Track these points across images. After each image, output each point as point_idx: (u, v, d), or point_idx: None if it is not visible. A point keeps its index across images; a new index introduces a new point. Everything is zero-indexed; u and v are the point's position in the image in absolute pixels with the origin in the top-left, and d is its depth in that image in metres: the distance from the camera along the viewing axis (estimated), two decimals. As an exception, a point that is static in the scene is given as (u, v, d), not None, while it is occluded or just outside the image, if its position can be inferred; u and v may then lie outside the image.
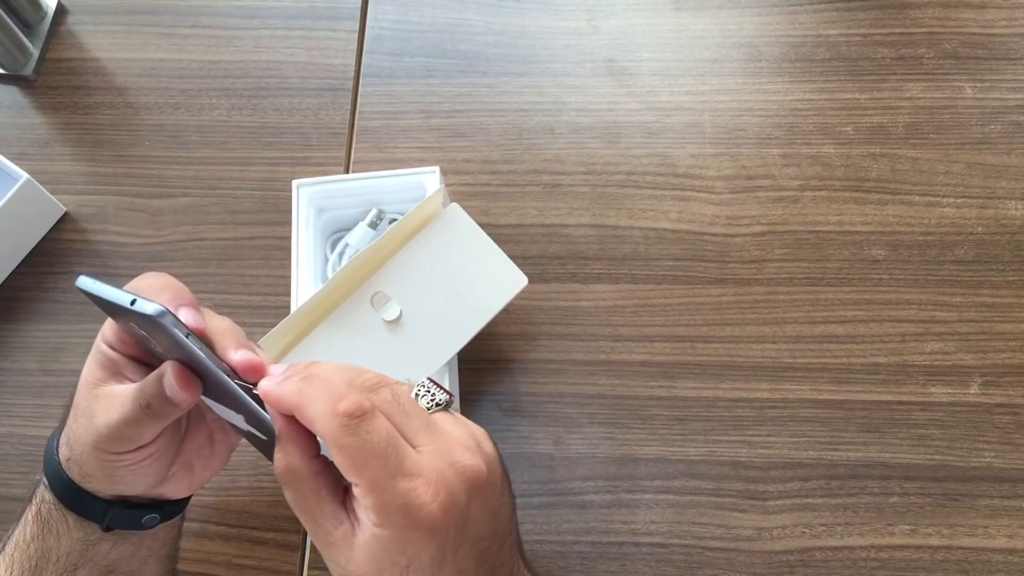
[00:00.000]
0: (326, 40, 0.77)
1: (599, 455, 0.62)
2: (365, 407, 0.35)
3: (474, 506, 0.36)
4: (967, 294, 0.65)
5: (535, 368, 0.64)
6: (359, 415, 0.35)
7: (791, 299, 0.65)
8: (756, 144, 0.71)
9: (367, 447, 0.35)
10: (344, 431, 0.35)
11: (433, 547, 0.35)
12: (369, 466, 0.34)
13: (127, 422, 0.43)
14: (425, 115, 0.73)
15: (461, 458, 0.36)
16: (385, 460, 0.35)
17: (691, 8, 0.76)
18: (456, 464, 0.36)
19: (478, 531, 0.37)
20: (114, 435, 0.44)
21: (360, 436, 0.35)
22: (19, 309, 0.69)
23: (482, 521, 0.37)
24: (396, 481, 0.34)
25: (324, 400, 0.36)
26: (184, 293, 0.44)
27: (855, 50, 0.74)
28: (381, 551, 0.35)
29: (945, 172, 0.69)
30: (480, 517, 0.37)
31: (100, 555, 0.47)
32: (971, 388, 0.62)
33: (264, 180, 0.72)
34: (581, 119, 0.73)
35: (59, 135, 0.75)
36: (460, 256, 0.60)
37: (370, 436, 0.35)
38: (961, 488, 0.60)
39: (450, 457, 0.36)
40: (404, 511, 0.34)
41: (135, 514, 0.48)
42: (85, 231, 0.71)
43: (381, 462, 0.35)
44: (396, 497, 0.34)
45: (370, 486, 0.34)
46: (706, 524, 0.59)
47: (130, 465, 0.45)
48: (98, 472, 0.45)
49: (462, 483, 0.36)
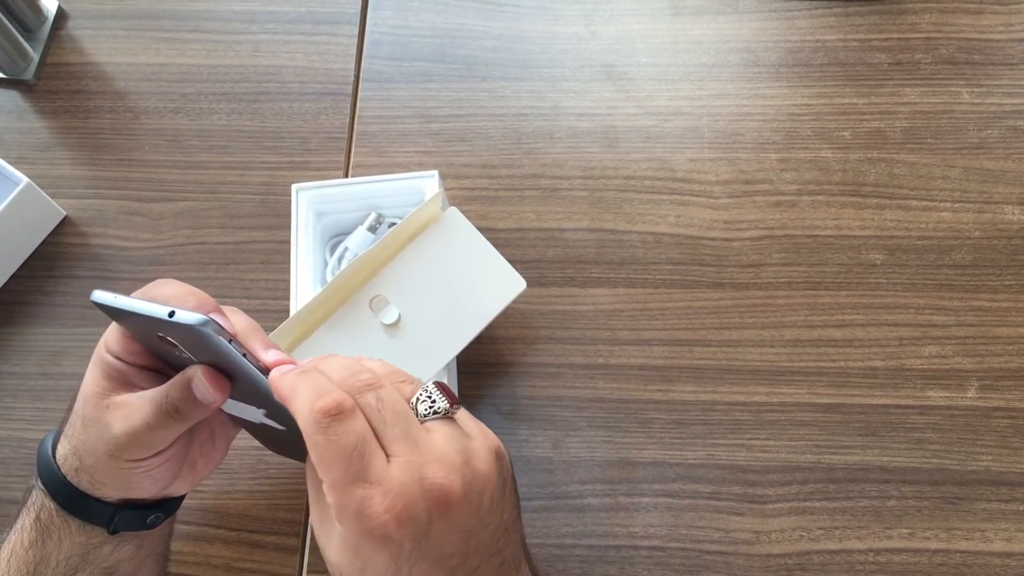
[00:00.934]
0: (326, 45, 0.77)
1: (598, 458, 0.62)
2: (344, 407, 0.36)
3: (437, 524, 0.36)
4: (964, 298, 0.65)
5: (534, 372, 0.65)
6: (334, 414, 0.35)
7: (789, 303, 0.65)
8: (754, 149, 0.71)
9: (334, 448, 0.35)
10: (316, 427, 0.35)
11: (386, 556, 0.35)
12: (332, 467, 0.35)
13: (150, 427, 0.43)
14: (424, 119, 0.74)
15: (432, 474, 0.35)
16: (348, 463, 0.35)
17: (689, 13, 0.77)
18: (424, 480, 0.35)
19: (443, 549, 0.36)
20: (134, 442, 0.44)
21: (329, 436, 0.35)
22: (19, 313, 0.69)
23: (449, 540, 0.36)
24: (355, 486, 0.35)
25: (308, 395, 0.36)
26: (207, 299, 0.45)
27: (853, 55, 0.74)
28: (343, 547, 0.36)
29: (943, 177, 0.69)
30: (446, 535, 0.36)
31: (101, 558, 0.47)
32: (968, 392, 0.62)
33: (264, 184, 0.72)
34: (579, 124, 0.73)
35: (59, 139, 0.75)
36: (459, 260, 0.60)
37: (339, 438, 0.35)
38: (959, 491, 0.60)
39: (420, 471, 0.35)
40: (357, 517, 0.35)
41: (141, 515, 0.48)
42: (85, 235, 0.71)
43: (344, 465, 0.35)
44: (351, 502, 0.35)
45: (330, 486, 0.35)
46: (704, 527, 0.60)
47: (148, 471, 0.45)
48: (113, 479, 0.45)
49: (425, 500, 0.35)
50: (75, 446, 0.46)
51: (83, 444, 0.45)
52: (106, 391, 0.45)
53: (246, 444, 0.63)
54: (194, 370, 0.43)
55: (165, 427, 0.44)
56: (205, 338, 0.40)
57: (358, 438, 0.35)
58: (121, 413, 0.44)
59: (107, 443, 0.44)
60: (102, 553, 0.47)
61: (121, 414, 0.44)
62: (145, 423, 0.43)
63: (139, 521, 0.48)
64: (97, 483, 0.46)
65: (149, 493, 0.47)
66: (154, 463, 0.45)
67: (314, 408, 0.35)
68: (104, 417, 0.44)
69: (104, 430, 0.44)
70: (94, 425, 0.45)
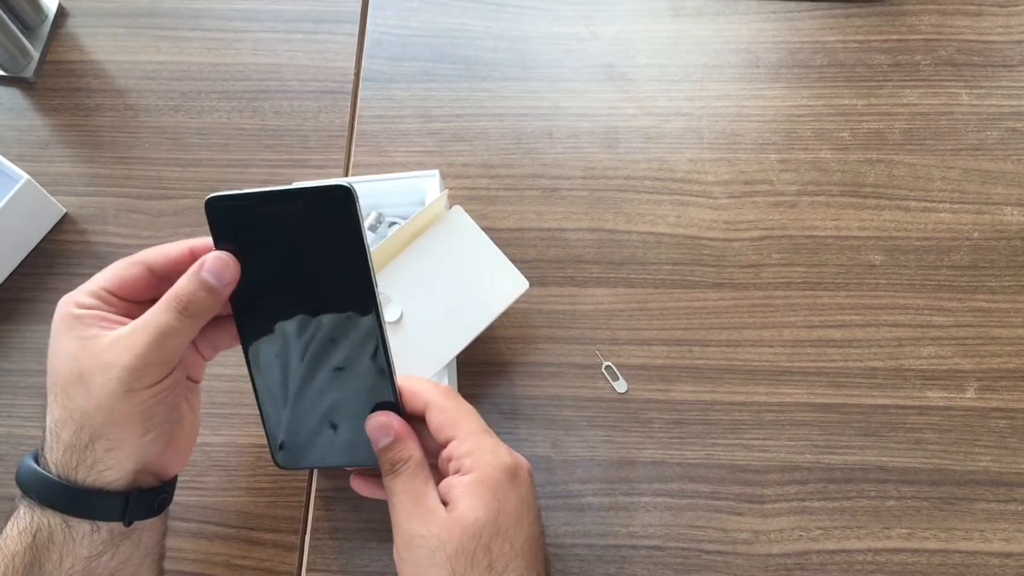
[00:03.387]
0: (326, 44, 0.77)
1: (597, 458, 0.62)
2: None
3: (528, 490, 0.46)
4: (963, 299, 0.65)
5: (533, 371, 0.65)
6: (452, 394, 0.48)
7: (788, 303, 0.66)
8: (754, 149, 0.71)
9: (463, 407, 0.47)
10: (447, 395, 0.47)
11: (516, 495, 0.44)
12: (464, 421, 0.46)
13: (165, 334, 0.44)
14: (424, 119, 0.74)
15: None
16: (476, 418, 0.46)
17: (689, 14, 0.77)
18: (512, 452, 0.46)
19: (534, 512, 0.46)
20: (149, 363, 0.44)
21: (457, 400, 0.47)
22: (19, 310, 0.69)
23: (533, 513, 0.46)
24: (487, 434, 0.46)
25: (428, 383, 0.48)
26: None
27: (852, 56, 0.74)
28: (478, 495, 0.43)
29: (942, 178, 0.69)
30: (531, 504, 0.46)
31: (102, 566, 0.46)
32: (967, 392, 0.63)
33: (264, 182, 0.72)
34: (580, 124, 0.73)
35: (59, 137, 0.75)
36: (462, 259, 0.60)
37: (463, 402, 0.47)
38: (958, 492, 0.60)
39: None
40: (494, 452, 0.45)
41: (150, 498, 0.48)
42: (85, 232, 0.71)
43: (474, 418, 0.46)
44: (486, 443, 0.45)
45: (466, 435, 0.45)
46: (703, 527, 0.60)
47: (165, 396, 0.46)
48: (131, 426, 0.45)
49: None
50: (77, 421, 0.45)
51: (87, 408, 0.44)
52: (90, 338, 0.45)
53: (245, 441, 0.63)
54: (203, 260, 0.45)
55: (179, 331, 0.45)
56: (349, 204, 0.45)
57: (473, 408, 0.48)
58: (121, 345, 0.44)
59: (118, 381, 0.44)
60: (102, 562, 0.47)
61: (122, 345, 0.44)
62: (160, 331, 0.44)
63: (150, 505, 0.48)
64: (111, 451, 0.45)
65: (162, 444, 0.47)
66: (168, 383, 0.46)
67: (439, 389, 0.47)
68: (104, 359, 0.44)
69: (109, 370, 0.44)
70: (95, 375, 0.44)
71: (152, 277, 0.48)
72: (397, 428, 0.46)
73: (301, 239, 0.46)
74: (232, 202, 0.46)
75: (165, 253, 0.48)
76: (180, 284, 0.46)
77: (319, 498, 0.61)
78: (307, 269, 0.47)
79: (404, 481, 0.45)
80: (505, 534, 0.43)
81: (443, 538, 0.43)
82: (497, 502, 0.43)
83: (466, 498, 0.43)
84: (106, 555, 0.46)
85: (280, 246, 0.47)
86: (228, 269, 0.46)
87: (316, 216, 0.46)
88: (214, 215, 0.47)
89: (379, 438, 0.46)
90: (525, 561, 0.44)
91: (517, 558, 0.43)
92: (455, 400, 0.47)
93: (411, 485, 0.45)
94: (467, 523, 0.43)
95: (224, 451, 0.63)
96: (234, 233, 0.47)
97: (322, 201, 0.45)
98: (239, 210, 0.47)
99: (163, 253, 0.48)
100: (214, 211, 0.47)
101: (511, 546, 0.43)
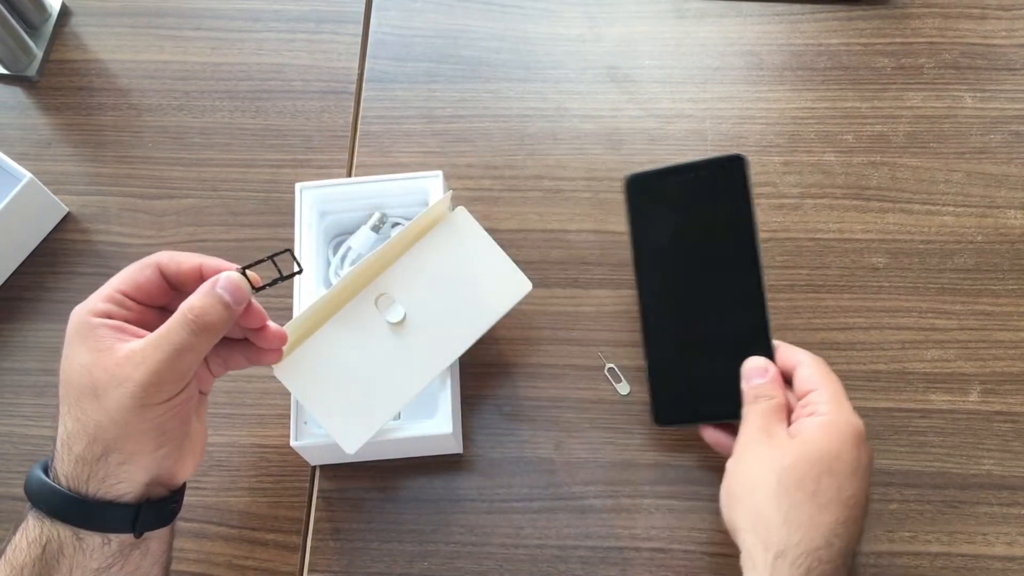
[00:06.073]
0: (329, 44, 0.77)
1: (600, 460, 0.62)
2: None
3: None
4: (967, 302, 0.65)
5: (536, 373, 0.65)
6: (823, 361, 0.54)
7: (792, 306, 0.66)
8: (757, 151, 0.71)
9: (831, 372, 0.53)
10: (818, 360, 0.54)
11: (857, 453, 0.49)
12: (829, 381, 0.52)
13: (180, 351, 0.44)
14: (428, 120, 0.74)
15: None
16: (840, 384, 0.52)
17: (693, 16, 0.77)
18: None
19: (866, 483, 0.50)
20: (162, 379, 0.44)
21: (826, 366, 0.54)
22: (21, 309, 0.69)
23: None
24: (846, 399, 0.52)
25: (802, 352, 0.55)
26: None
27: (856, 59, 0.74)
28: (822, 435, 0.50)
29: (945, 181, 0.69)
30: None
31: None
32: (971, 396, 0.63)
33: (267, 182, 0.72)
34: (583, 125, 0.73)
35: (62, 136, 0.75)
36: (465, 260, 0.60)
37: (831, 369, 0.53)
38: (960, 495, 0.60)
39: None
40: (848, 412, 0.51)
41: (160, 508, 0.48)
42: (87, 231, 0.71)
43: (838, 383, 0.52)
44: (845, 403, 0.51)
45: (829, 391, 0.51)
46: (706, 530, 0.60)
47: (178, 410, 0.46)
48: (144, 441, 0.45)
49: None
50: (91, 434, 0.44)
51: (100, 420, 0.44)
52: (106, 349, 0.44)
53: (247, 442, 0.63)
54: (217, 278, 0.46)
55: (191, 349, 0.44)
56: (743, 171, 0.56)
57: None
58: (136, 359, 0.44)
59: (132, 396, 0.43)
60: (111, 573, 0.46)
61: (137, 360, 0.44)
62: (175, 348, 0.44)
63: (159, 515, 0.48)
64: (124, 464, 0.45)
65: (174, 458, 0.47)
66: (181, 398, 0.46)
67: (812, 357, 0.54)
68: (118, 373, 0.44)
69: (123, 385, 0.44)
70: (109, 388, 0.44)
71: (163, 282, 0.48)
72: (772, 372, 0.54)
73: (698, 203, 0.58)
74: (644, 178, 0.59)
75: (177, 261, 0.48)
76: (194, 299, 0.46)
77: (321, 499, 0.61)
78: (701, 231, 0.57)
79: (762, 410, 0.52)
80: (836, 476, 0.48)
81: (781, 456, 0.50)
82: (839, 447, 0.49)
83: (814, 432, 0.50)
84: (116, 566, 0.46)
85: (680, 211, 0.58)
86: (240, 289, 0.47)
87: (713, 182, 0.57)
88: (631, 189, 0.60)
89: (753, 377, 0.54)
90: (846, 512, 0.48)
91: (840, 504, 0.48)
92: (825, 365, 0.53)
93: (767, 415, 0.52)
94: (808, 450, 0.49)
95: (226, 451, 0.63)
96: (645, 202, 0.59)
97: (720, 168, 0.57)
98: (649, 182, 0.59)
99: (175, 260, 0.48)
100: (631, 186, 0.60)
101: (838, 490, 0.48)
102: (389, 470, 0.62)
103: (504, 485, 0.61)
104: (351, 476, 0.62)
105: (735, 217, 0.56)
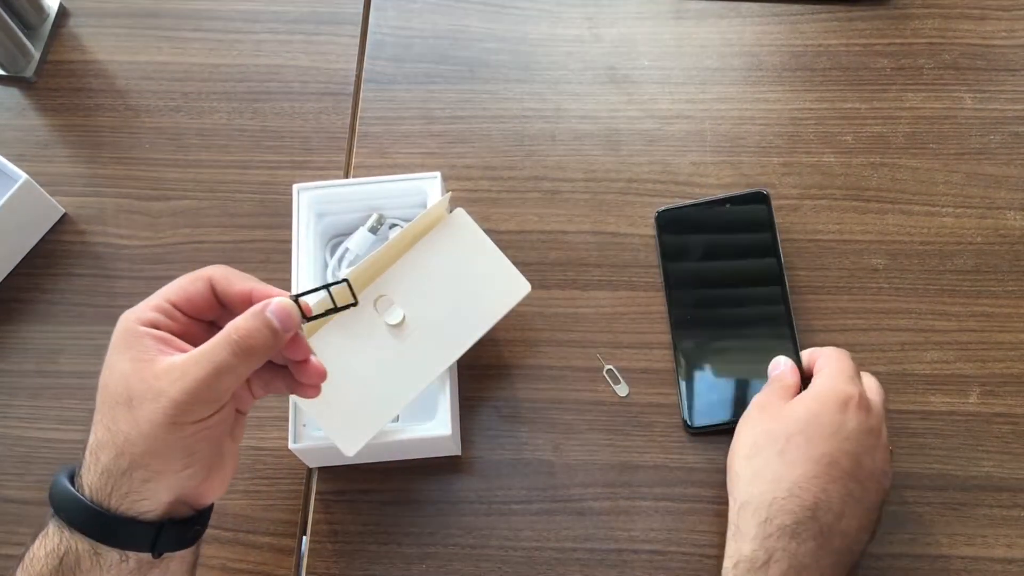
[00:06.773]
0: (327, 45, 0.77)
1: (598, 462, 0.62)
2: None
3: None
4: (966, 303, 0.65)
5: (534, 374, 0.64)
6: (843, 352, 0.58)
7: (791, 307, 0.65)
8: (757, 152, 0.71)
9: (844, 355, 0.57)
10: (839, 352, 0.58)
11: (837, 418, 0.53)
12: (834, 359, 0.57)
13: (220, 371, 0.43)
14: (426, 121, 0.74)
15: None
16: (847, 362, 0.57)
17: (692, 17, 0.77)
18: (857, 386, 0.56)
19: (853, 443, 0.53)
20: (200, 398, 0.43)
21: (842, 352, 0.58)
22: (17, 310, 0.68)
23: None
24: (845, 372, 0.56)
25: None
26: None
27: (856, 60, 0.74)
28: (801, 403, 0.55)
29: (945, 182, 0.69)
30: None
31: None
32: (970, 397, 0.62)
33: (264, 184, 0.72)
34: (582, 126, 0.73)
35: (59, 137, 0.75)
36: (464, 261, 0.60)
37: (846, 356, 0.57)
38: (960, 497, 0.60)
39: None
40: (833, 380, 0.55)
41: (182, 530, 0.47)
42: (84, 233, 0.71)
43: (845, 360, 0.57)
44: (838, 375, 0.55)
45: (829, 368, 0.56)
46: (705, 532, 0.59)
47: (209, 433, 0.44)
48: (170, 460, 0.44)
49: None
50: (119, 446, 0.43)
51: (130, 434, 0.43)
52: (149, 360, 0.44)
53: (244, 444, 0.62)
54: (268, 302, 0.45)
55: (231, 370, 0.43)
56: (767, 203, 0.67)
57: None
58: (175, 374, 0.43)
59: (164, 412, 0.42)
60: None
61: (175, 375, 0.43)
62: (215, 367, 0.43)
63: (181, 537, 0.47)
64: (148, 481, 0.44)
65: (200, 478, 0.46)
66: (215, 421, 0.44)
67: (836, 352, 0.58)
68: (155, 386, 0.43)
69: (158, 399, 0.43)
70: (144, 401, 0.43)
71: (213, 296, 0.47)
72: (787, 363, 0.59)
73: (725, 231, 0.67)
74: (674, 210, 0.68)
75: (229, 279, 0.47)
76: (241, 320, 0.44)
77: (319, 501, 0.61)
78: (729, 255, 0.66)
79: (768, 391, 0.58)
80: (808, 436, 0.52)
81: (763, 422, 0.55)
82: (819, 410, 0.53)
83: (800, 400, 0.55)
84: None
85: (708, 238, 0.67)
86: (291, 317, 0.45)
87: (738, 213, 0.67)
88: (661, 222, 0.67)
89: (771, 369, 0.60)
90: (815, 468, 0.51)
91: (808, 460, 0.52)
92: (840, 351, 0.58)
93: (769, 394, 0.57)
94: (785, 414, 0.55)
95: (223, 453, 0.62)
96: (674, 232, 0.67)
97: (745, 201, 0.67)
98: (678, 215, 0.67)
99: (227, 278, 0.47)
100: (661, 219, 0.67)
101: (808, 448, 0.52)
102: (387, 472, 0.62)
103: (503, 487, 0.61)
104: (349, 478, 0.62)
105: (761, 240, 0.66)
